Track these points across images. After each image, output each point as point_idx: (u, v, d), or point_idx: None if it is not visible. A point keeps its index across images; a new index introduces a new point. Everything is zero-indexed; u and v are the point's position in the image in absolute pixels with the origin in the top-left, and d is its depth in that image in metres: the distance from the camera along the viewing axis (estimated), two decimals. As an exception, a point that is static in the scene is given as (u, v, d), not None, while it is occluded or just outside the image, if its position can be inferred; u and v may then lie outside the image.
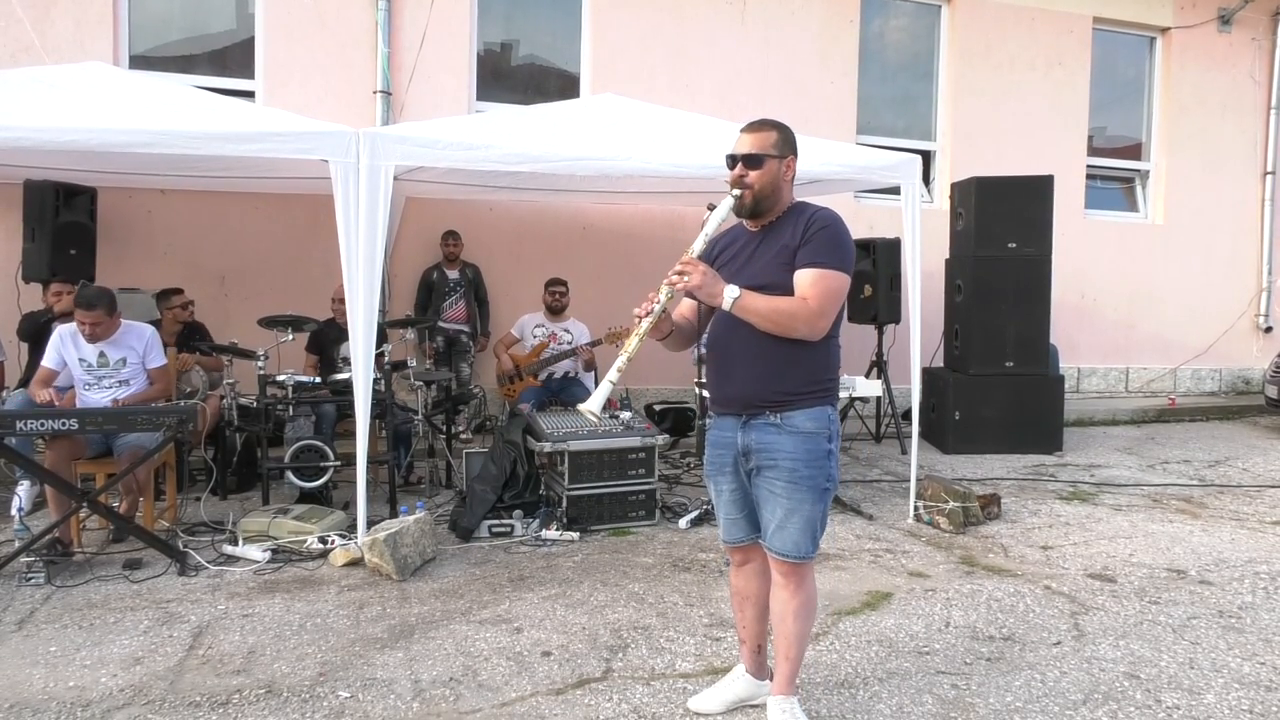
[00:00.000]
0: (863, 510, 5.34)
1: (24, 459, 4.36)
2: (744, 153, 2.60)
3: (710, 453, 2.75)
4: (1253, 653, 3.38)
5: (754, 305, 2.49)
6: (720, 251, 2.73)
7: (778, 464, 2.56)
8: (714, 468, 2.74)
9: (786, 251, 2.56)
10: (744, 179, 2.59)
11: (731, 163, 2.63)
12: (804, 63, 8.38)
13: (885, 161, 5.28)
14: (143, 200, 6.84)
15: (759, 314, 2.49)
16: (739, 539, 2.78)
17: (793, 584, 2.66)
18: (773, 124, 2.65)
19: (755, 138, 2.62)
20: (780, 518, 2.58)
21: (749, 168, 2.60)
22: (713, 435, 2.73)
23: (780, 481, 2.57)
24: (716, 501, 2.80)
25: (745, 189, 2.59)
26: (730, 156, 2.63)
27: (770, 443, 2.57)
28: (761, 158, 2.59)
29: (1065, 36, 9.28)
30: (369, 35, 7.25)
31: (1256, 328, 10.28)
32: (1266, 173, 10.09)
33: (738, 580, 2.87)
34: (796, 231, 2.58)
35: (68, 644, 3.36)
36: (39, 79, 4.66)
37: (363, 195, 4.19)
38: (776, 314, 2.50)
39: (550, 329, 6.62)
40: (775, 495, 2.58)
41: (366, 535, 4.20)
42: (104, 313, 4.49)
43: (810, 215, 2.62)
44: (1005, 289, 7.26)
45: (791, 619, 2.68)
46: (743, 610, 2.88)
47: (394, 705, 2.92)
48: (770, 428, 2.57)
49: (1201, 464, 6.96)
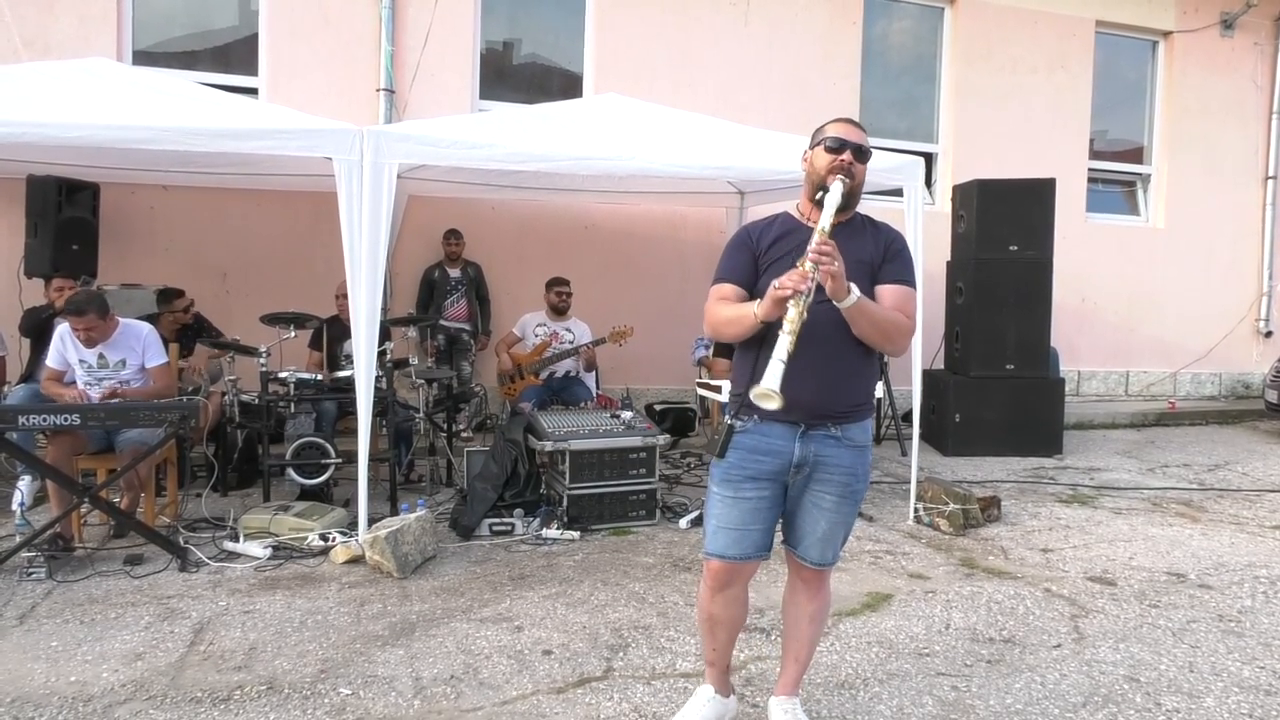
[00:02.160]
0: (863, 512, 5.34)
1: (25, 454, 4.35)
2: (857, 143, 2.46)
3: (743, 457, 2.47)
4: (1252, 656, 3.38)
5: (871, 311, 2.35)
6: (774, 241, 2.53)
7: (833, 478, 2.48)
8: (743, 474, 2.48)
9: (866, 265, 2.46)
10: (850, 167, 2.44)
11: (839, 147, 2.45)
12: (807, 64, 8.39)
13: (887, 163, 5.28)
14: (145, 196, 6.85)
15: (872, 320, 2.36)
16: (745, 554, 2.52)
17: (815, 589, 2.66)
18: (864, 127, 2.56)
19: (863, 135, 2.50)
20: (825, 530, 2.53)
21: (858, 159, 2.46)
22: (751, 440, 2.46)
23: (832, 495, 2.50)
24: (727, 510, 2.51)
25: (851, 178, 2.43)
26: (840, 141, 2.45)
27: (829, 455, 2.47)
28: (869, 154, 2.51)
29: (1068, 40, 9.29)
30: (372, 33, 7.25)
31: (1257, 332, 10.29)
32: (1268, 177, 10.10)
33: (715, 607, 2.61)
34: (878, 246, 2.51)
35: (69, 639, 3.36)
36: (42, 74, 4.66)
37: (366, 193, 4.20)
38: (890, 324, 2.40)
39: (552, 328, 6.62)
40: (823, 508, 2.51)
41: (367, 533, 4.20)
42: (95, 316, 4.47)
43: (887, 231, 2.57)
44: (1006, 292, 7.27)
45: (807, 623, 2.68)
46: (714, 635, 2.68)
47: (395, 703, 2.92)
48: (830, 440, 2.46)
49: (1201, 468, 6.96)
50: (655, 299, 7.79)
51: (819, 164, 2.49)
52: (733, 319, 2.44)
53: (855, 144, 2.45)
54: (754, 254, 2.53)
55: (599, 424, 5.14)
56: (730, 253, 2.60)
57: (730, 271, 2.55)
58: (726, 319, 2.46)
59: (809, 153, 2.56)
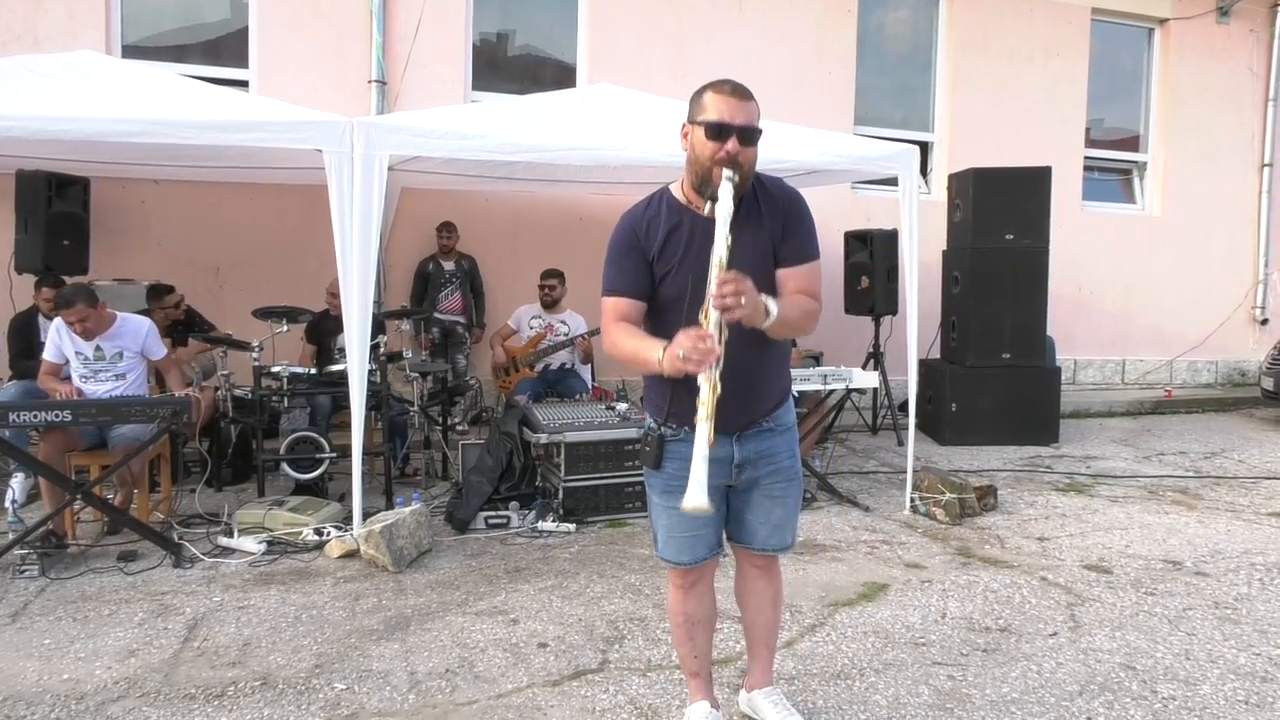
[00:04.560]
0: (859, 502, 5.34)
1: (18, 451, 4.34)
2: (743, 124, 2.13)
3: (682, 466, 2.15)
4: (1248, 643, 3.38)
5: (786, 317, 2.13)
6: (665, 240, 2.25)
7: (779, 466, 2.42)
8: (684, 482, 2.07)
9: (766, 253, 2.25)
10: (737, 157, 2.12)
11: (721, 133, 2.12)
12: (802, 53, 8.35)
13: (883, 152, 5.27)
14: (136, 191, 6.80)
15: (788, 324, 2.17)
16: (701, 557, 2.43)
17: (771, 573, 2.61)
18: (751, 92, 2.20)
19: (750, 107, 2.16)
20: (779, 518, 2.47)
21: (745, 143, 2.13)
22: (686, 449, 2.09)
23: (781, 482, 2.44)
24: (675, 519, 2.35)
25: (739, 169, 2.13)
26: (721, 125, 2.12)
27: (768, 447, 2.39)
28: (758, 133, 2.16)
29: (1064, 28, 9.26)
30: (363, 24, 7.20)
31: (1253, 320, 10.29)
32: (1264, 165, 10.08)
33: (688, 604, 2.51)
34: (775, 222, 2.26)
35: (62, 636, 3.34)
36: (30, 68, 4.61)
37: (357, 185, 4.17)
38: (803, 318, 2.23)
39: (547, 320, 6.60)
40: (775, 498, 2.44)
41: (362, 527, 4.19)
42: (85, 306, 4.45)
43: (779, 196, 2.29)
44: (1002, 281, 7.25)
45: (771, 607, 2.64)
46: (693, 638, 2.55)
47: (390, 697, 2.91)
48: (765, 433, 2.39)
49: (1197, 455, 6.96)
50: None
51: (700, 151, 2.17)
52: (638, 359, 2.18)
53: (740, 126, 2.12)
54: (646, 258, 2.27)
55: (594, 416, 5.12)
56: (618, 256, 2.29)
57: (621, 282, 2.27)
58: (630, 355, 2.20)
59: (687, 127, 2.22)
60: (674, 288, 2.24)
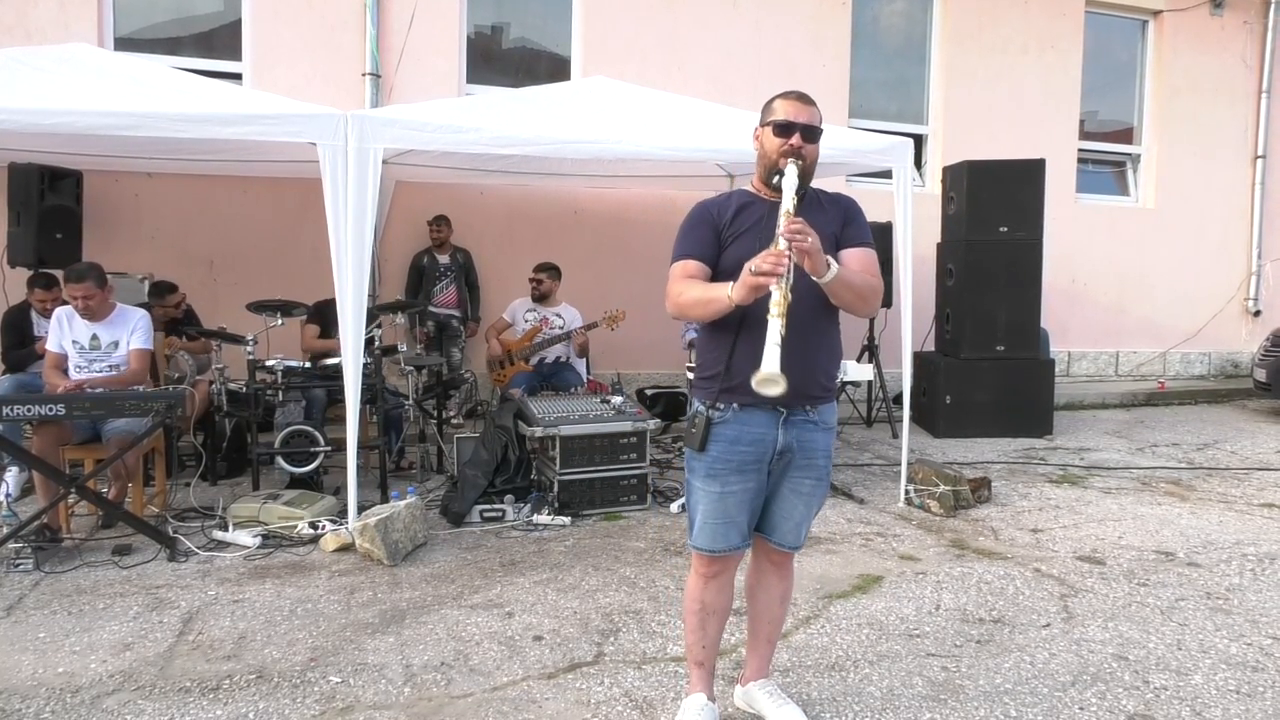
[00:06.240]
0: (854, 494, 5.35)
1: (11, 445, 4.33)
2: (806, 123, 2.40)
3: (726, 449, 2.39)
4: (1240, 634, 3.41)
5: (849, 278, 2.33)
6: (736, 214, 2.46)
7: (814, 462, 2.47)
8: (728, 466, 2.40)
9: (830, 237, 2.42)
10: (800, 150, 2.39)
11: (787, 130, 2.40)
12: (796, 46, 8.33)
13: (877, 145, 5.27)
14: (129, 184, 6.78)
15: (851, 287, 2.34)
16: (735, 545, 2.48)
17: (785, 570, 2.67)
18: (814, 100, 2.48)
19: (812, 111, 2.43)
20: (802, 514, 2.53)
21: (808, 140, 2.41)
22: (732, 431, 2.39)
23: (810, 480, 2.49)
24: (713, 505, 2.44)
25: (802, 160, 2.38)
26: (788, 124, 2.40)
27: (809, 440, 2.44)
28: (820, 132, 2.44)
29: (1058, 20, 9.26)
30: (357, 17, 7.18)
31: (1246, 311, 10.33)
32: (1257, 157, 10.10)
33: (707, 594, 2.55)
34: (836, 215, 2.50)
35: (57, 630, 3.34)
36: (22, 60, 4.59)
37: (351, 178, 4.16)
38: (866, 287, 2.39)
39: (542, 313, 6.59)
40: (801, 494, 2.49)
41: (357, 520, 4.19)
42: (94, 284, 4.46)
43: (840, 198, 2.57)
44: (996, 273, 7.27)
45: (779, 604, 2.69)
46: (705, 627, 2.59)
47: (385, 690, 2.92)
48: (809, 425, 2.44)
49: (1190, 447, 6.99)
50: (645, 283, 7.70)
51: (769, 146, 2.45)
52: (702, 300, 2.34)
53: (803, 125, 2.40)
54: (716, 229, 2.45)
55: (589, 409, 5.13)
56: (690, 229, 2.49)
57: (693, 248, 2.45)
58: (695, 299, 2.36)
59: (759, 130, 2.50)
60: (739, 252, 2.35)
